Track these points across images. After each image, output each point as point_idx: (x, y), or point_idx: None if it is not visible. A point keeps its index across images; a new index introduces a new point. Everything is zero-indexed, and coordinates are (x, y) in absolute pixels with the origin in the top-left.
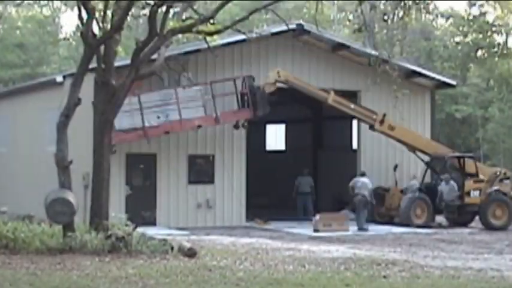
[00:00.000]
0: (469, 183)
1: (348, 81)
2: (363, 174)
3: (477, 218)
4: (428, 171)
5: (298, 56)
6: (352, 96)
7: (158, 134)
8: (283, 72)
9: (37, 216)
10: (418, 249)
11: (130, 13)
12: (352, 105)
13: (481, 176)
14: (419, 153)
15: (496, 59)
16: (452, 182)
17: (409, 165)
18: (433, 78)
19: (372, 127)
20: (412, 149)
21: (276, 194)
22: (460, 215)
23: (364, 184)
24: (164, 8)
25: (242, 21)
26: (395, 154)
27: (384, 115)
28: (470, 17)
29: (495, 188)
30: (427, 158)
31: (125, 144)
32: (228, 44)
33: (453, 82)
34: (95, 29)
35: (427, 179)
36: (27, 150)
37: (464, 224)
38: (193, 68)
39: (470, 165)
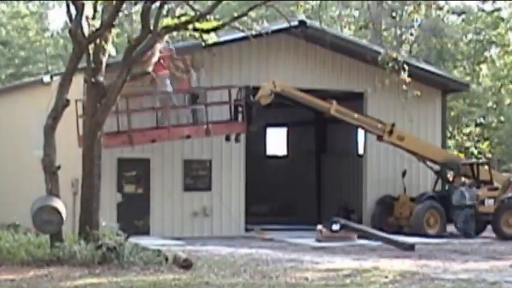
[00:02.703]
0: (483, 191)
1: (353, 81)
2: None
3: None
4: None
5: (301, 54)
6: (357, 98)
7: (144, 142)
8: (279, 82)
9: (23, 225)
10: (428, 260)
11: (122, 9)
12: (356, 115)
13: (496, 184)
14: (429, 163)
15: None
16: (463, 188)
17: (418, 172)
18: (445, 77)
19: (380, 138)
20: (422, 158)
21: (277, 201)
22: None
23: None
24: (158, 4)
25: (241, 17)
26: (404, 159)
27: (393, 125)
28: (483, 13)
29: (509, 195)
30: (437, 167)
31: (116, 148)
32: (226, 42)
33: (466, 81)
34: (85, 26)
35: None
36: (12, 154)
37: (476, 234)
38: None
39: (484, 172)
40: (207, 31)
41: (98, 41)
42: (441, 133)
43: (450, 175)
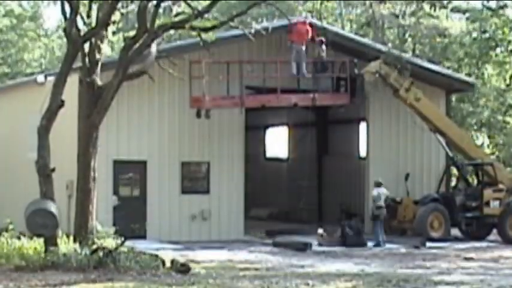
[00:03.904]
0: (487, 193)
1: None
2: (379, 184)
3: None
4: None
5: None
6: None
7: (254, 105)
8: (386, 67)
9: (17, 229)
10: (432, 264)
11: (117, 7)
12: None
13: (501, 186)
14: (439, 137)
15: None
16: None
17: (422, 174)
18: (449, 77)
19: (396, 92)
20: (434, 128)
21: (277, 205)
22: (478, 228)
23: (383, 195)
24: (154, 2)
25: (240, 15)
26: (407, 162)
27: (412, 83)
28: (489, 12)
29: None
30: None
31: (112, 150)
32: (223, 41)
33: (472, 81)
34: (80, 24)
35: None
36: (5, 156)
37: (481, 238)
38: (196, 65)
39: (489, 173)
40: (205, 30)
41: (93, 40)
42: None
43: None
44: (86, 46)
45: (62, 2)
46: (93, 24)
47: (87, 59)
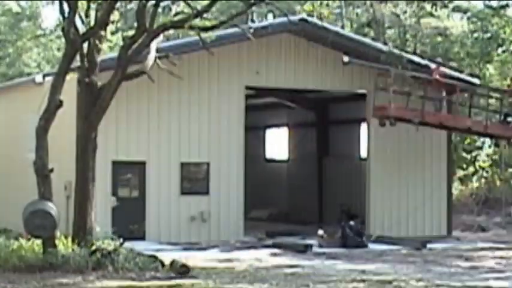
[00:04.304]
0: None
1: (356, 82)
2: None
3: None
4: None
5: (302, 53)
6: (360, 99)
7: (433, 121)
8: None
9: (15, 230)
10: (433, 266)
11: (116, 7)
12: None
13: None
14: None
15: None
16: None
17: (424, 175)
18: (452, 77)
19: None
20: None
21: (277, 206)
22: None
23: None
24: (153, 1)
25: (240, 15)
26: (408, 163)
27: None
28: (490, 11)
29: None
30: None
31: (111, 151)
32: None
33: (474, 81)
34: (78, 24)
35: None
36: (3, 157)
37: None
38: (193, 66)
39: None
40: (205, 29)
41: (91, 39)
42: (447, 134)
43: None
44: (85, 46)
45: (61, 1)
46: (92, 24)
47: (85, 59)
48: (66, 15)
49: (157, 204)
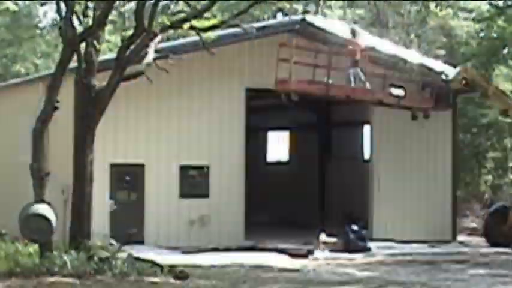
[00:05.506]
0: None
1: None
2: None
3: None
4: None
5: (303, 53)
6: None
7: (339, 95)
8: (472, 70)
9: (10, 234)
10: (436, 271)
11: (114, 6)
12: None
13: None
14: None
15: None
16: None
17: (428, 177)
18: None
19: (485, 94)
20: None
21: (279, 210)
22: None
23: None
24: (152, 1)
25: (240, 15)
26: (412, 165)
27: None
28: (495, 10)
29: None
30: None
31: (109, 153)
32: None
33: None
34: (75, 23)
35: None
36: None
37: None
38: (195, 66)
39: None
40: (205, 30)
41: (89, 40)
42: (452, 135)
43: None
44: (82, 46)
45: (58, 1)
46: (90, 24)
47: (83, 60)
48: (63, 14)
49: (156, 208)
